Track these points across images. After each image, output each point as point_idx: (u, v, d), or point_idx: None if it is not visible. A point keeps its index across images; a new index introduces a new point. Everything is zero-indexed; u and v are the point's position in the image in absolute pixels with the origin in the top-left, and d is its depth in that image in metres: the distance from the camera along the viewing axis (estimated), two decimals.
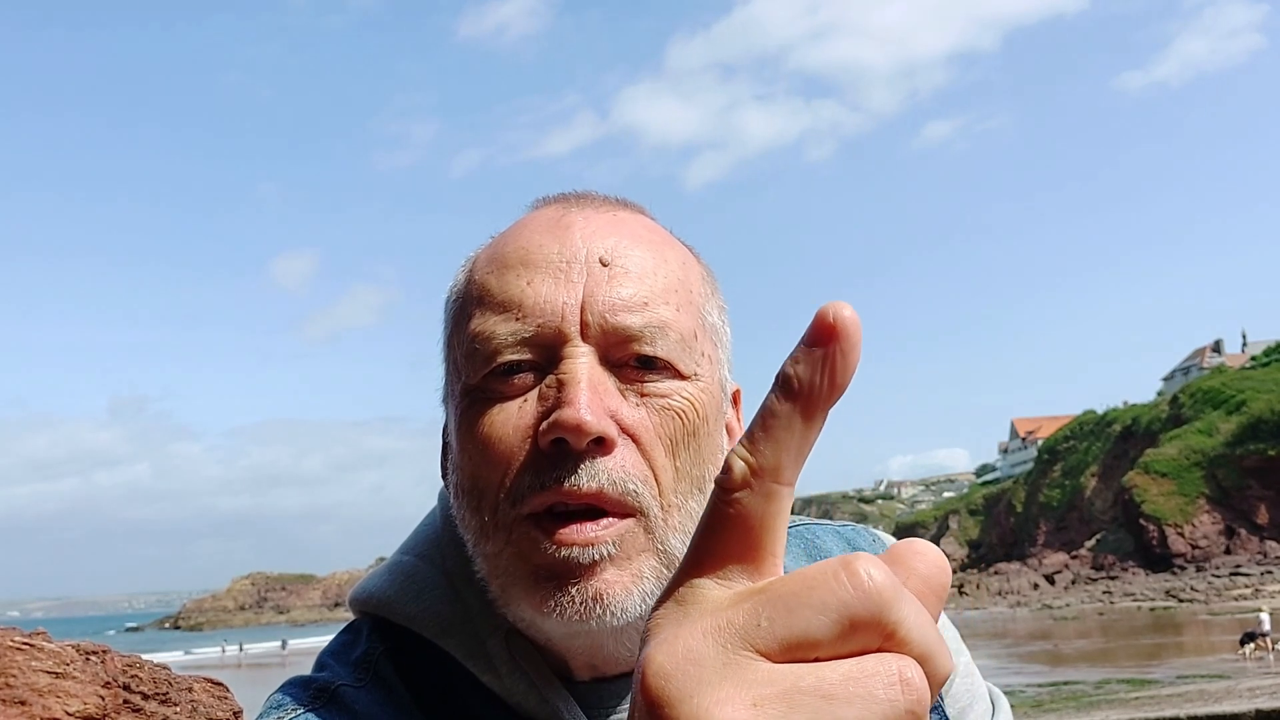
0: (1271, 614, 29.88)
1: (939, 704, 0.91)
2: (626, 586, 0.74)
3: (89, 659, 1.57)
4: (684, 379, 0.79)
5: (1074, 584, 66.20)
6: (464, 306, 0.83)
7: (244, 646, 65.95)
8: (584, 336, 0.77)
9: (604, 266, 0.79)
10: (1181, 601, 50.79)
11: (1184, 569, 63.48)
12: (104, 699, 1.50)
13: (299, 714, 0.80)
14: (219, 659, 58.29)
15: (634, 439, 0.76)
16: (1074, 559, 72.44)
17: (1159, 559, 65.69)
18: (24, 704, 1.40)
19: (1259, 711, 13.28)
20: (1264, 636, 26.22)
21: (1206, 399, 73.58)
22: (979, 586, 67.37)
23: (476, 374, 0.79)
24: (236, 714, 1.81)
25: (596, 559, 0.73)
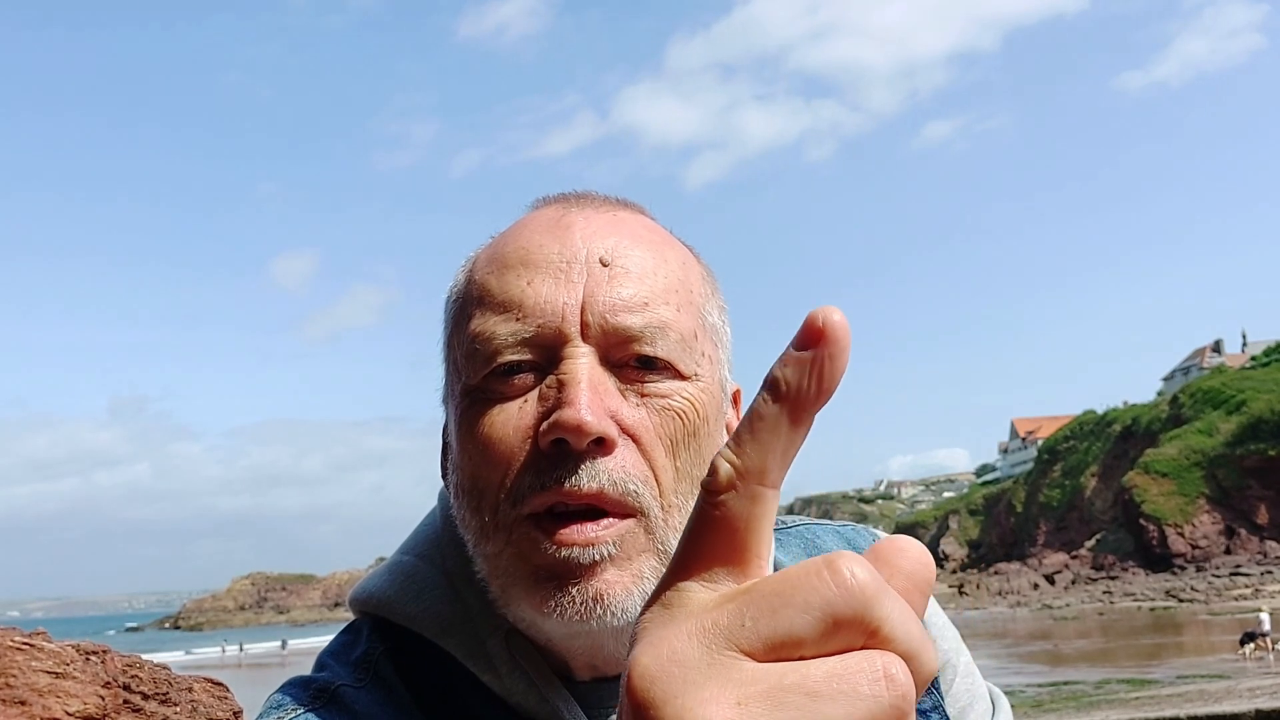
0: (1271, 614, 29.88)
1: (939, 704, 0.90)
2: (627, 587, 0.74)
3: (89, 659, 1.57)
4: (684, 379, 0.79)
5: (1074, 584, 66.21)
6: (464, 307, 0.83)
7: (244, 646, 65.94)
8: (584, 337, 0.77)
9: (604, 267, 0.79)
10: (1181, 601, 50.81)
11: (1184, 569, 63.48)
12: (104, 699, 1.50)
13: (299, 714, 0.80)
14: (219, 659, 58.29)
15: (634, 439, 0.76)
16: (1074, 559, 72.45)
17: (1159, 559, 65.70)
18: (24, 704, 1.40)
19: (1259, 711, 13.27)
20: (1264, 636, 26.22)
21: (1206, 399, 73.59)
22: (979, 586, 67.39)
23: (477, 374, 0.79)
24: (236, 714, 1.81)
25: (597, 559, 0.73)
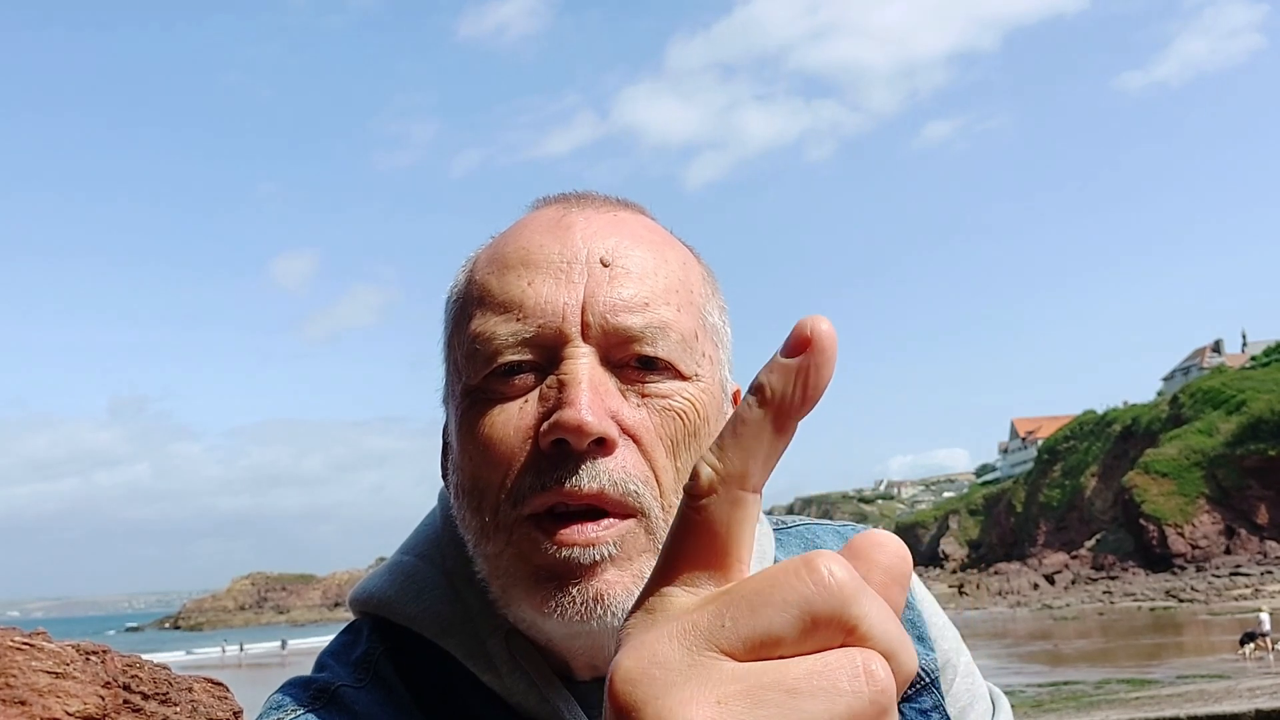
0: (1271, 614, 29.87)
1: (940, 703, 0.91)
2: (627, 587, 0.74)
3: (89, 659, 1.57)
4: (685, 379, 0.79)
5: (1074, 584, 66.17)
6: (464, 307, 0.83)
7: (244, 646, 65.94)
8: (585, 337, 0.77)
9: (605, 267, 0.79)
10: (1181, 601, 50.78)
11: (1184, 569, 63.46)
12: (104, 699, 1.50)
13: (299, 714, 0.80)
14: (219, 659, 58.30)
15: (635, 440, 0.76)
16: (1074, 559, 72.43)
17: (1159, 559, 65.68)
18: (24, 704, 1.40)
19: (1259, 711, 13.27)
20: (1264, 636, 26.21)
21: (1206, 399, 73.57)
22: (979, 586, 67.35)
23: (477, 374, 0.79)
24: (236, 714, 1.81)
25: (597, 559, 0.73)
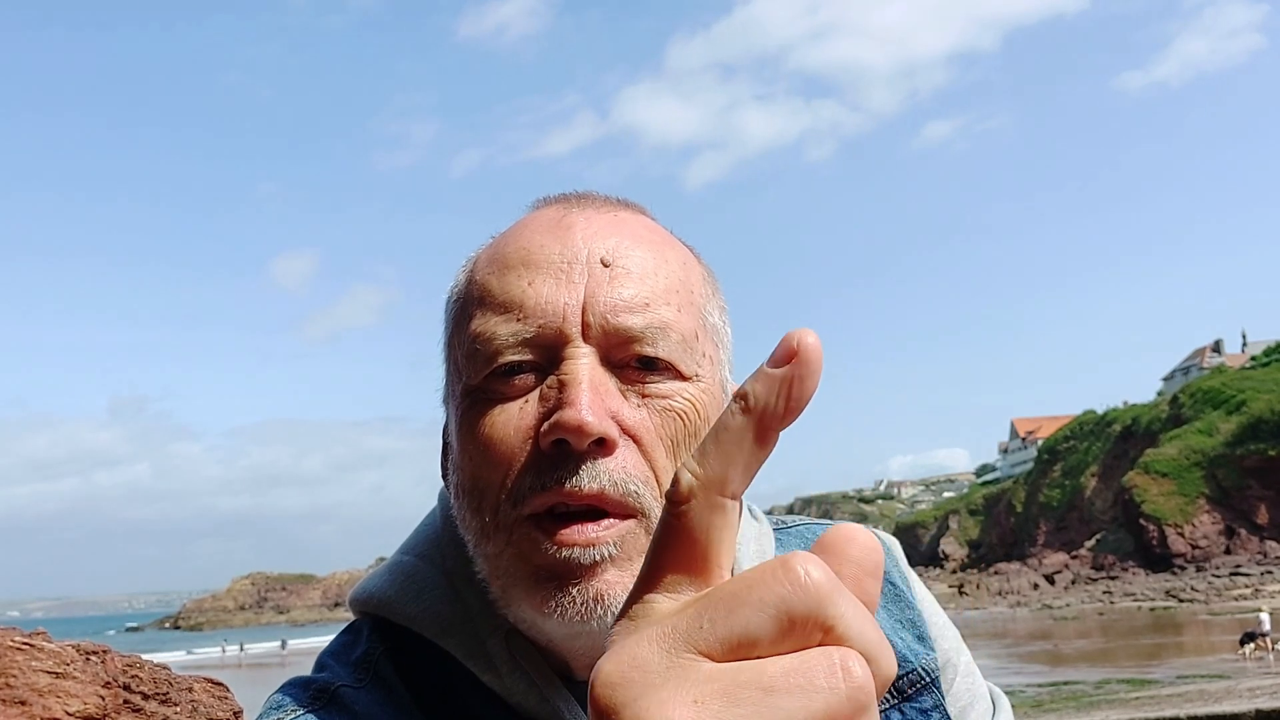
0: (1271, 614, 29.88)
1: (940, 703, 0.91)
2: (627, 587, 0.73)
3: (89, 659, 1.57)
4: (685, 380, 0.79)
5: (1074, 584, 66.18)
6: (465, 307, 0.83)
7: (244, 646, 65.94)
8: (585, 337, 0.76)
9: (605, 267, 0.79)
10: (1181, 601, 50.78)
11: (1184, 569, 63.46)
12: (104, 699, 1.50)
13: (298, 715, 0.80)
14: (219, 659, 58.30)
15: (635, 440, 0.76)
16: (1074, 559, 72.43)
17: (1159, 559, 65.69)
18: (24, 704, 1.40)
19: (1259, 711, 13.27)
20: (1264, 636, 26.21)
21: (1206, 399, 73.57)
22: (979, 586, 67.35)
23: (477, 375, 0.79)
24: (236, 714, 1.81)
25: (597, 560, 0.73)
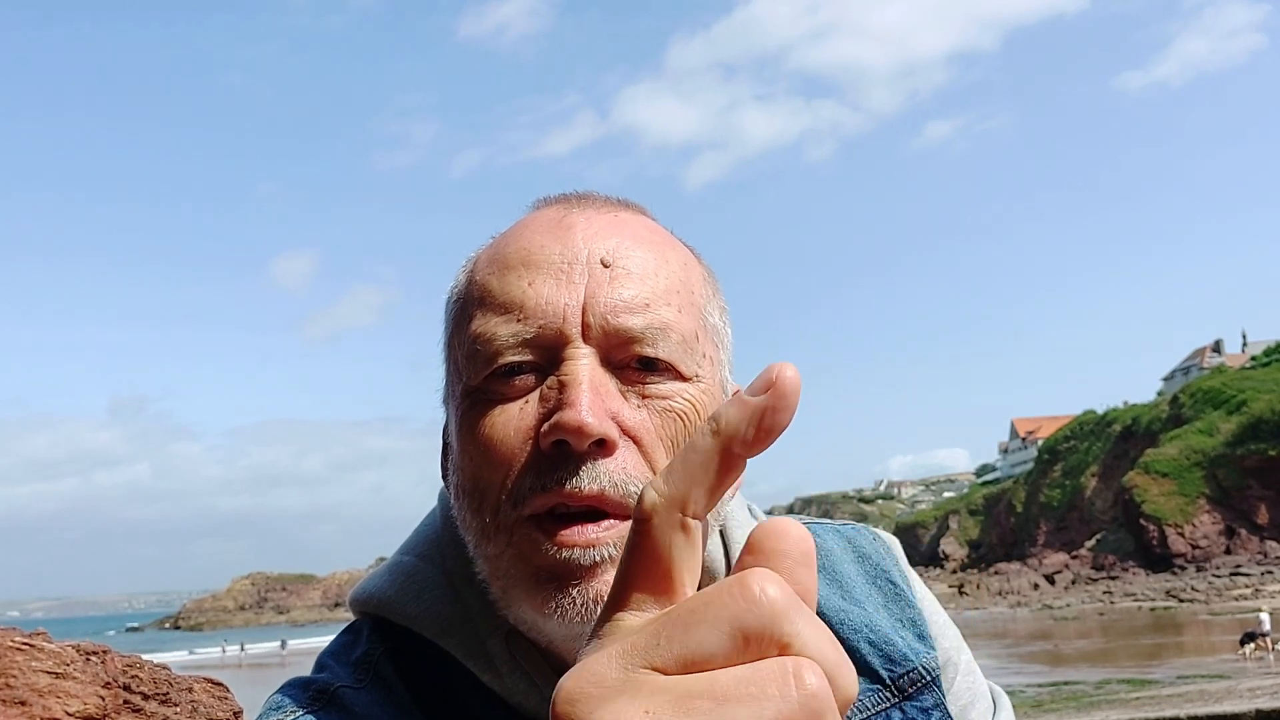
0: (1271, 614, 29.87)
1: (941, 701, 0.91)
2: None
3: (89, 659, 1.57)
4: (685, 380, 0.79)
5: (1074, 584, 66.16)
6: (465, 307, 0.83)
7: (244, 646, 65.93)
8: (585, 338, 0.76)
9: (605, 268, 0.78)
10: (1182, 601, 50.76)
11: (1184, 569, 63.44)
12: (104, 699, 1.50)
13: (298, 715, 0.80)
14: (219, 659, 58.30)
15: (635, 441, 0.76)
16: (1074, 559, 72.42)
17: (1159, 559, 65.66)
18: (24, 704, 1.40)
19: (1259, 711, 13.27)
20: (1264, 636, 26.20)
21: (1206, 399, 73.55)
22: (979, 586, 67.33)
23: (478, 375, 0.79)
24: (236, 714, 1.81)
25: (598, 560, 0.73)
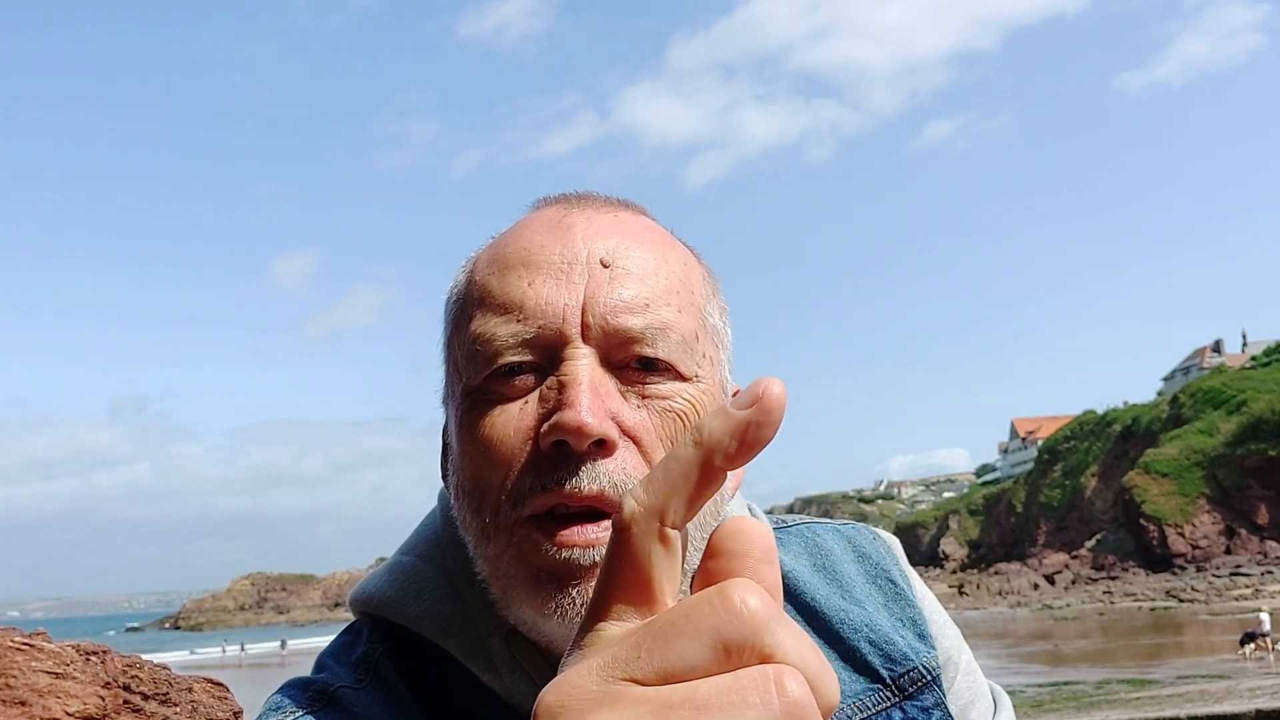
0: (1271, 614, 29.87)
1: (941, 701, 0.91)
2: None
3: (89, 659, 1.57)
4: (685, 381, 0.79)
5: (1074, 584, 66.15)
6: (465, 307, 0.83)
7: (244, 646, 65.92)
8: (585, 338, 0.76)
9: (605, 268, 0.78)
10: (1182, 601, 50.74)
11: (1184, 569, 63.44)
12: (104, 699, 1.50)
13: (298, 715, 0.80)
14: (219, 659, 58.30)
15: (635, 441, 0.76)
16: (1074, 559, 72.42)
17: (1159, 559, 65.66)
18: (24, 704, 1.40)
19: (1259, 711, 13.26)
20: (1264, 636, 26.20)
21: (1206, 399, 73.55)
22: (979, 586, 67.32)
23: (477, 375, 0.79)
24: (236, 714, 1.81)
25: (597, 561, 0.73)
